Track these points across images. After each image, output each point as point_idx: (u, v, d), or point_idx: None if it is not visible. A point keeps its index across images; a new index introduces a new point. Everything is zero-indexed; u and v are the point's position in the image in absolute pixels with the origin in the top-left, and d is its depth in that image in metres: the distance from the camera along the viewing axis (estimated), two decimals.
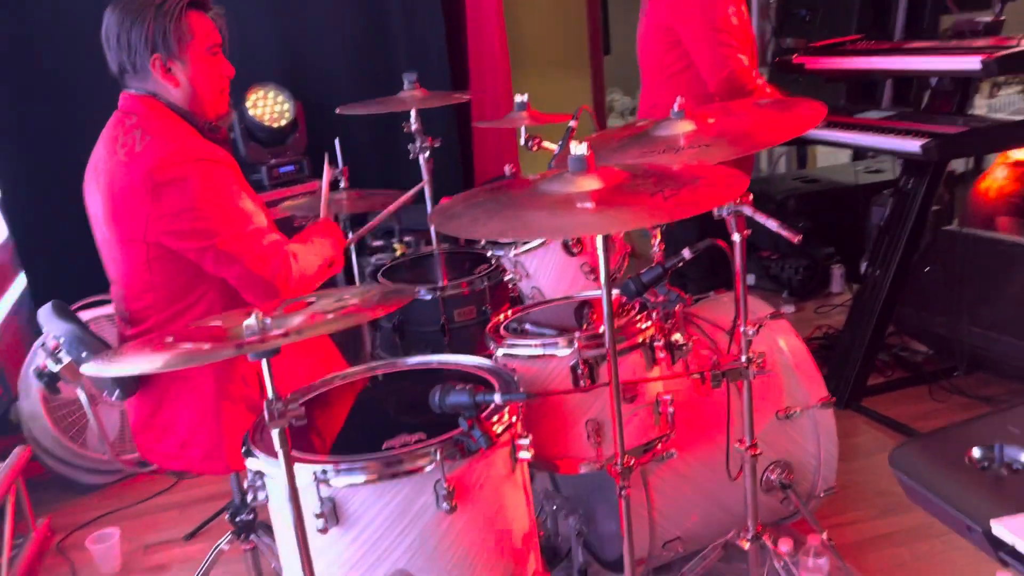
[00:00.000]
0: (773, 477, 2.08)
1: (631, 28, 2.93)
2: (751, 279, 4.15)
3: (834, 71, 3.00)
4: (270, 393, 1.17)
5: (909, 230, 2.78)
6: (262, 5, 3.71)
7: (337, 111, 2.45)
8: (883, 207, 3.39)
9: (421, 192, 2.53)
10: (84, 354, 1.69)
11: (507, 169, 2.50)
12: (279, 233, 1.86)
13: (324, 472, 1.25)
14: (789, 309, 3.88)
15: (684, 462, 1.97)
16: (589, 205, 1.32)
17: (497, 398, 1.26)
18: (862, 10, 4.03)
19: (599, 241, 1.36)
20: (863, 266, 3.16)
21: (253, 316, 1.16)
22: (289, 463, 1.17)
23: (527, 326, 1.98)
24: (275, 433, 1.16)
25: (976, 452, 1.04)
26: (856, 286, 3.44)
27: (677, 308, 1.80)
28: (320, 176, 2.25)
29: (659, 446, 1.78)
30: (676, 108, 1.81)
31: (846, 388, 2.96)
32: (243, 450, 1.35)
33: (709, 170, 1.45)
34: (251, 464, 1.33)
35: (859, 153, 4.75)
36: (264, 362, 1.16)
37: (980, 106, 7.91)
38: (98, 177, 1.79)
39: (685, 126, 1.79)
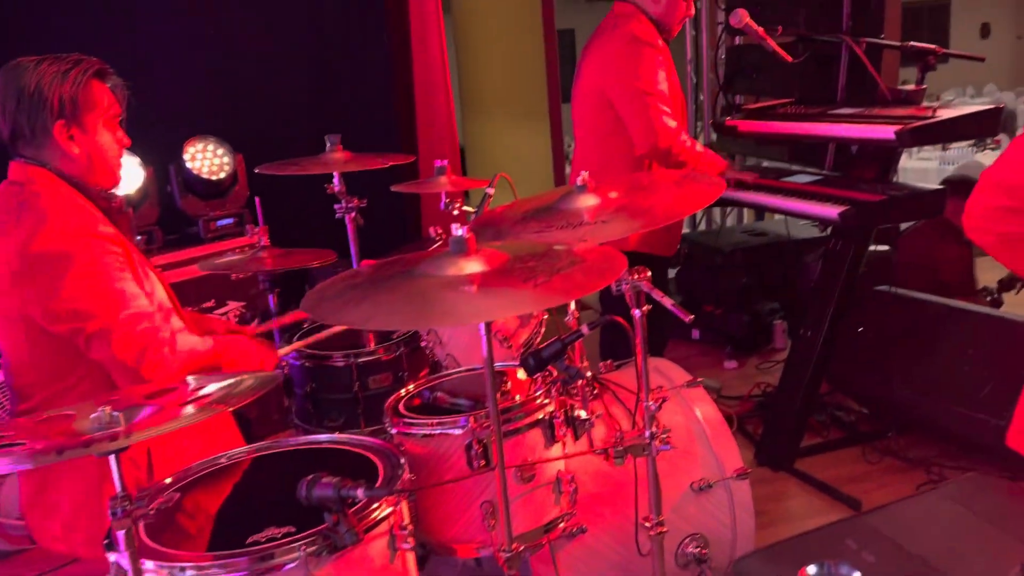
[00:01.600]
0: (689, 551, 2.04)
1: None
2: (695, 333, 4.15)
3: (764, 135, 3.04)
4: (118, 488, 1.12)
5: (839, 292, 2.80)
6: (206, 55, 3.72)
7: (256, 171, 2.43)
8: (816, 264, 3.42)
9: (347, 250, 2.51)
10: None
11: (432, 231, 2.50)
12: (169, 318, 1.79)
13: (182, 570, 1.20)
14: (732, 365, 3.88)
15: (595, 536, 1.94)
16: (469, 290, 1.30)
17: (360, 493, 1.22)
18: (805, 71, 4.10)
19: (482, 329, 1.34)
20: None
21: (100, 410, 1.11)
22: (136, 564, 1.12)
23: (439, 395, 1.95)
24: (121, 534, 1.11)
25: (810, 570, 1.01)
26: None
27: (579, 383, 1.78)
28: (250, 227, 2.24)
29: (562, 524, 1.75)
30: (579, 182, 1.81)
31: (780, 450, 2.94)
32: (104, 542, 1.30)
33: (592, 252, 1.43)
34: (112, 557, 1.28)
35: None
36: (113, 459, 1.11)
37: (932, 157, 8.07)
38: None
39: (588, 200, 1.79)
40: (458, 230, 1.38)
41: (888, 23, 4.44)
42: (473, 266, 1.35)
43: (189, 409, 1.18)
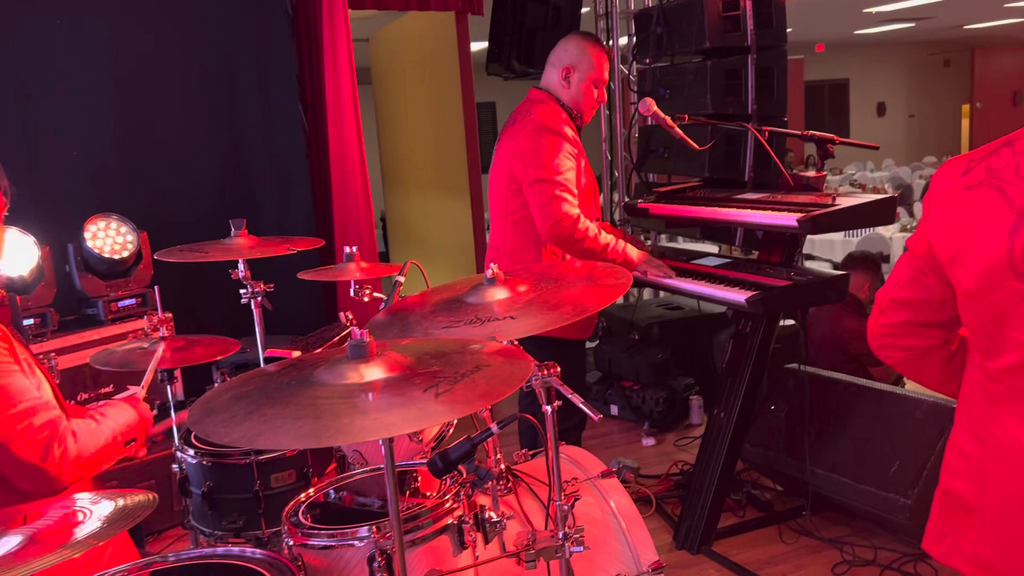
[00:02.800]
0: None
1: None
2: (614, 410, 4.15)
3: (673, 218, 3.10)
4: None
5: (750, 371, 2.83)
6: (109, 129, 3.61)
7: (155, 257, 2.33)
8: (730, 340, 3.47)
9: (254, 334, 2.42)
10: None
11: (342, 316, 2.43)
12: (62, 406, 1.70)
13: None
14: (649, 443, 3.87)
15: None
16: (368, 399, 1.24)
17: None
18: (714, 151, 4.25)
19: (382, 444, 1.27)
20: None
21: None
22: None
23: (345, 495, 1.86)
24: None
25: None
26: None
27: (489, 484, 1.73)
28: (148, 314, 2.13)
29: None
30: (488, 275, 1.79)
31: (697, 532, 2.92)
32: None
33: (498, 354, 1.40)
34: None
35: None
36: None
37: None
38: None
39: (498, 293, 1.77)
40: (357, 333, 1.32)
41: (791, 104, 4.67)
42: (373, 372, 1.30)
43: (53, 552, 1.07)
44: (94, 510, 1.19)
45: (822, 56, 14.40)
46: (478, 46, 5.77)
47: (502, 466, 1.94)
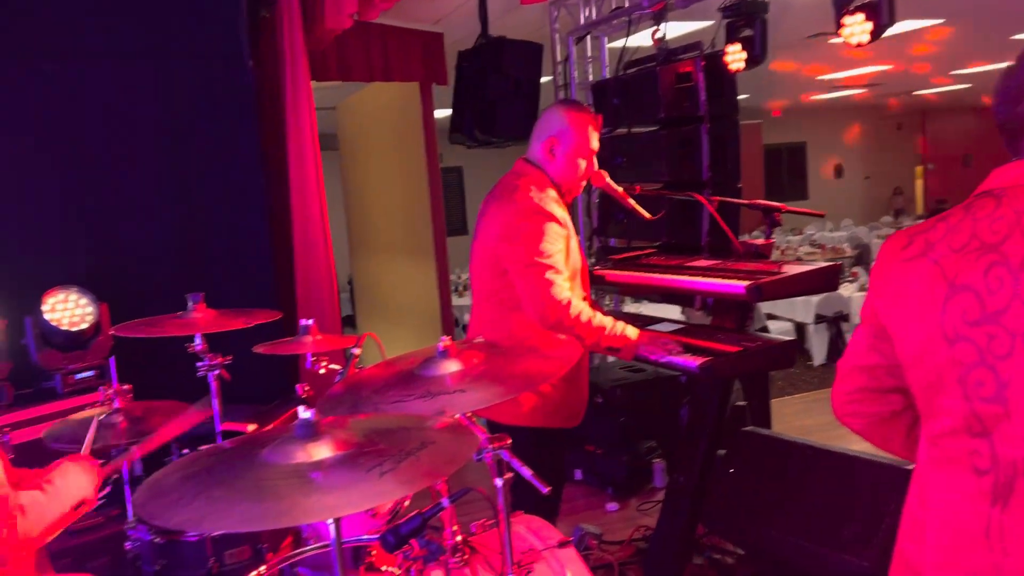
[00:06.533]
0: None
1: None
2: (578, 474, 4.15)
3: (628, 285, 3.17)
4: None
5: (707, 435, 2.87)
6: (70, 203, 3.63)
7: (111, 332, 2.34)
8: (685, 408, 3.51)
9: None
10: None
11: (299, 389, 2.43)
12: (15, 478, 1.70)
13: None
14: (613, 507, 3.87)
15: None
16: (315, 479, 1.26)
17: None
18: (671, 217, 4.38)
19: (329, 524, 1.29)
20: None
21: None
22: None
23: (299, 570, 1.85)
24: None
25: None
26: None
27: (442, 558, 1.74)
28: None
29: None
30: (440, 348, 1.83)
31: None
32: None
33: (445, 429, 1.43)
34: None
35: None
36: None
37: None
38: None
39: (451, 366, 1.80)
40: (305, 412, 1.35)
41: (750, 168, 4.82)
42: (321, 451, 1.32)
43: None
44: None
45: (780, 120, 14.88)
46: (443, 113, 5.91)
47: (458, 538, 1.95)
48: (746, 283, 2.50)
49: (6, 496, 1.63)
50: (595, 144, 2.67)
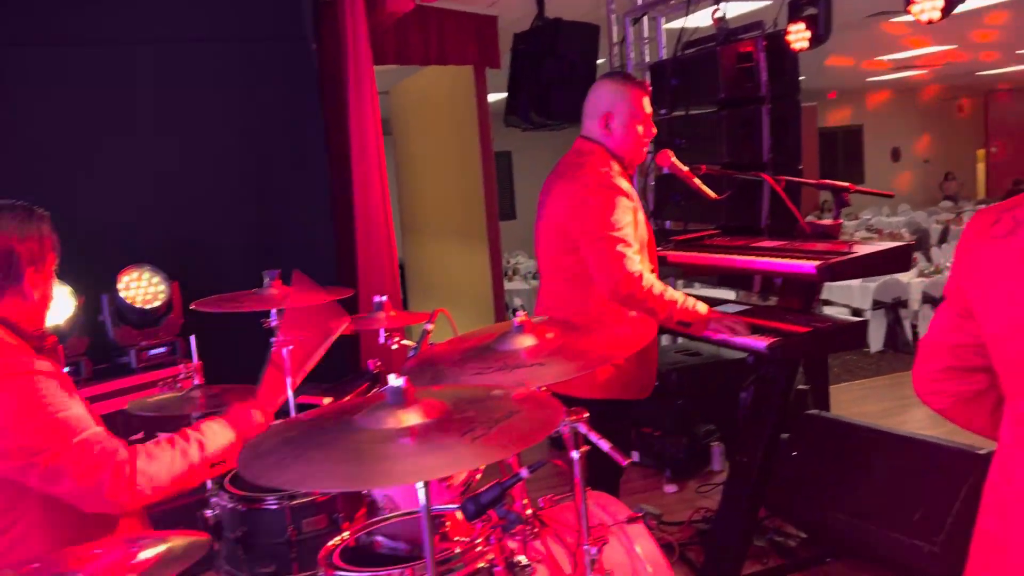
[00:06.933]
0: None
1: (535, 194, 2.83)
2: (635, 456, 4.16)
3: (691, 265, 3.16)
4: None
5: (771, 418, 2.85)
6: (144, 184, 3.74)
7: (191, 307, 2.41)
8: (748, 391, 3.49)
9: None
10: None
11: (371, 365, 2.49)
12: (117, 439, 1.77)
13: None
14: (671, 489, 3.88)
15: None
16: (407, 444, 1.30)
17: None
18: (731, 199, 4.35)
19: (419, 488, 1.32)
20: None
21: None
22: None
23: (377, 539, 1.90)
24: None
25: None
26: None
27: (523, 526, 1.76)
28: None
29: None
30: (516, 323, 1.85)
31: None
32: None
33: (529, 399, 1.45)
34: None
35: None
36: None
37: None
38: None
39: (525, 340, 1.82)
40: (396, 379, 1.38)
41: (806, 150, 4.75)
42: (411, 417, 1.35)
43: None
44: (147, 552, 1.24)
45: (836, 103, 14.57)
46: (494, 97, 5.92)
47: (528, 511, 1.97)
48: (816, 263, 2.47)
49: (116, 449, 1.67)
50: (648, 108, 2.70)
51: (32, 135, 3.57)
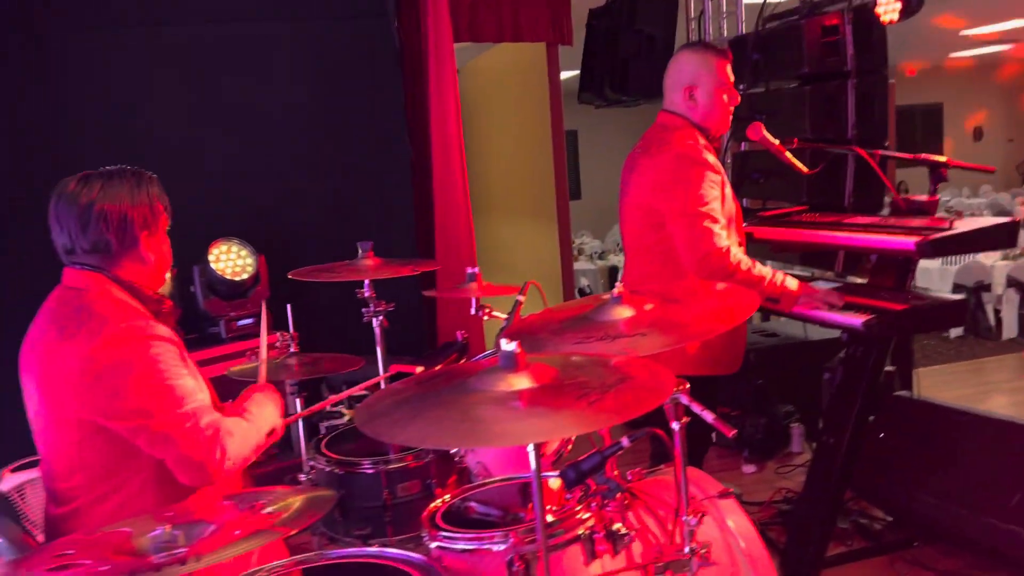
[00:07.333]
0: None
1: (600, 173, 2.89)
2: (712, 436, 4.12)
3: (780, 242, 3.10)
4: None
5: (860, 398, 2.80)
6: (231, 159, 3.83)
7: (289, 275, 2.47)
8: (833, 371, 3.43)
9: (374, 354, 2.53)
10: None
11: (459, 335, 2.52)
12: (221, 406, 1.85)
13: None
14: (750, 469, 3.84)
15: None
16: (518, 406, 1.32)
17: None
18: (813, 178, 4.25)
19: (530, 449, 1.34)
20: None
21: (160, 529, 1.11)
22: None
23: (472, 505, 1.93)
24: None
25: None
26: (816, 446, 3.44)
27: (618, 496, 1.77)
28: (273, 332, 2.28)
29: None
30: (614, 294, 1.85)
31: (805, 560, 2.88)
32: None
33: (641, 365, 1.45)
34: None
35: None
36: None
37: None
38: (34, 353, 1.77)
39: (623, 311, 1.82)
40: (508, 344, 1.40)
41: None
42: (523, 381, 1.37)
43: (248, 533, 1.17)
44: (275, 504, 1.29)
45: (914, 81, 14.06)
46: (565, 75, 5.88)
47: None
48: (915, 239, 2.40)
49: (220, 420, 1.77)
50: (732, 76, 2.67)
51: (124, 115, 3.67)
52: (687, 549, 1.69)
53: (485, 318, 2.31)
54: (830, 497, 2.86)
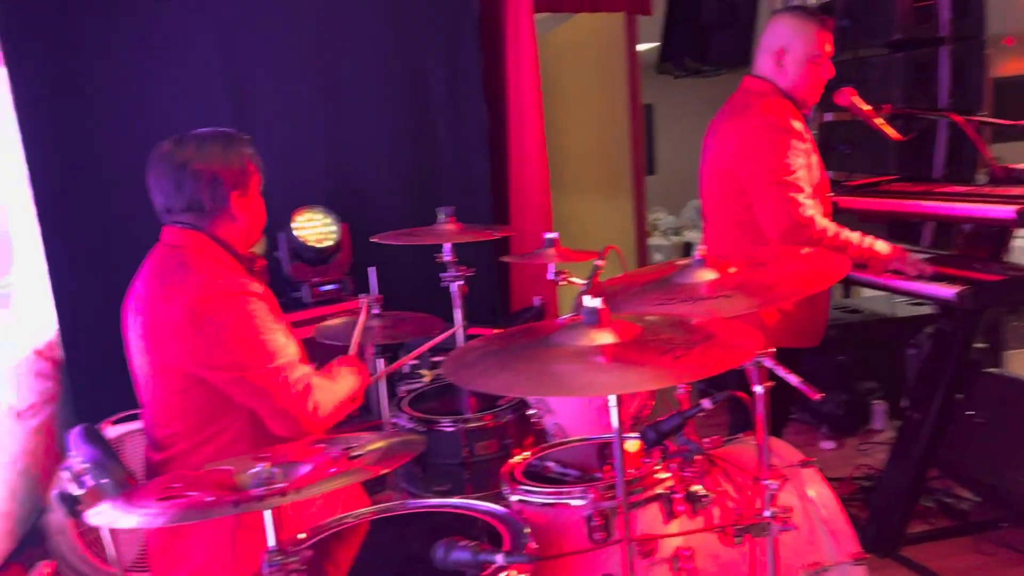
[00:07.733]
0: None
1: (675, 148, 2.85)
2: (790, 410, 4.06)
3: (868, 212, 3.01)
4: (271, 543, 1.17)
5: (949, 374, 2.71)
6: (314, 129, 3.91)
7: (372, 239, 2.53)
8: (919, 347, 3.33)
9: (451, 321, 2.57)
10: (105, 481, 1.72)
11: (536, 300, 2.54)
12: (308, 365, 1.91)
13: None
14: (829, 446, 3.77)
15: None
16: (601, 361, 1.33)
17: (500, 559, 1.24)
18: (899, 147, 4.09)
19: (612, 400, 1.35)
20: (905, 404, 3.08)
21: (260, 466, 1.17)
22: None
23: (549, 464, 1.96)
24: None
25: None
26: (899, 423, 3.35)
27: (697, 458, 1.77)
28: (360, 295, 2.37)
29: None
30: (697, 256, 1.83)
31: (886, 536, 2.83)
32: None
33: (725, 326, 1.45)
34: None
35: None
36: (267, 513, 1.16)
37: (1020, 235, 7.78)
38: (138, 307, 1.86)
39: (706, 274, 1.81)
40: (592, 300, 1.41)
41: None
42: (606, 337, 1.38)
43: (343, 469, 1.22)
44: (367, 447, 1.34)
45: (1012, 51, 13.35)
46: (642, 47, 5.79)
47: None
48: (1017, 207, 2.30)
49: (310, 375, 1.83)
50: (828, 47, 2.58)
51: (206, 82, 3.73)
52: (768, 513, 1.68)
53: (562, 282, 2.32)
54: (914, 474, 2.79)
